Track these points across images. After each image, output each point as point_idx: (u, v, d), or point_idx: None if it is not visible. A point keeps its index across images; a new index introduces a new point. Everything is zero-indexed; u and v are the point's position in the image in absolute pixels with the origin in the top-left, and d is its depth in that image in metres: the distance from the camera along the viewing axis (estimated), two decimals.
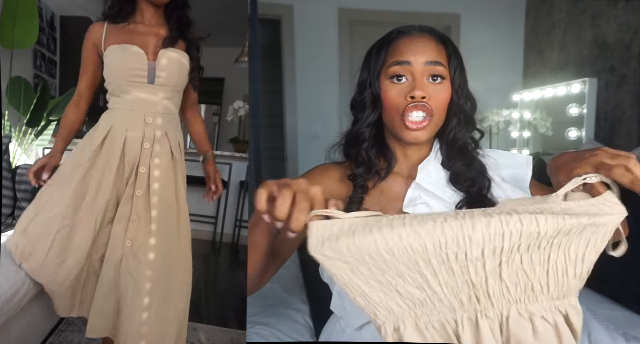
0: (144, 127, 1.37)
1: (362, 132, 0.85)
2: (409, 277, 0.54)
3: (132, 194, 1.35)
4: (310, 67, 3.42)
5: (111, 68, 1.38)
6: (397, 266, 0.53)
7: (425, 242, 0.52)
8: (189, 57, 1.42)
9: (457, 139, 0.84)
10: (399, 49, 0.81)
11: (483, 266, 0.54)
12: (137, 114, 1.38)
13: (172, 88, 1.39)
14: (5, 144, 1.85)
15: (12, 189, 1.88)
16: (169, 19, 1.42)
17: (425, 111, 0.78)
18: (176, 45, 1.40)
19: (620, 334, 1.19)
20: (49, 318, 1.71)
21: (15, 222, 1.85)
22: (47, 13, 3.35)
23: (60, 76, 3.64)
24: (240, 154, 3.47)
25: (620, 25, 2.45)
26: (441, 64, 0.80)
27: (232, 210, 3.56)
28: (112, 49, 1.36)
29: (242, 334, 1.92)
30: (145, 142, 1.36)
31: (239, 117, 3.48)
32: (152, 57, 1.36)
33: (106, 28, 1.41)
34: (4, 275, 1.33)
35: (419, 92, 0.77)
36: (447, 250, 0.53)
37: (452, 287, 0.55)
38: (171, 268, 1.38)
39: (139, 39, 1.37)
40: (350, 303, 0.80)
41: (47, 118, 2.58)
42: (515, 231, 0.52)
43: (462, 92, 0.83)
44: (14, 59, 2.47)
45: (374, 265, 0.53)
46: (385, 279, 0.54)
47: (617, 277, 1.51)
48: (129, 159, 1.36)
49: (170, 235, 1.40)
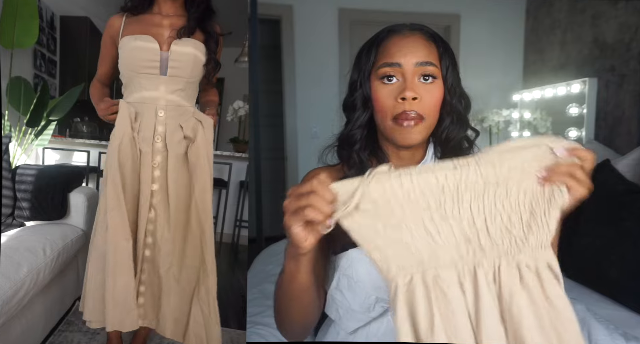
0: (155, 120, 1.34)
1: (354, 134, 0.84)
2: (416, 232, 0.63)
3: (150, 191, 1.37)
4: (310, 67, 3.42)
5: (124, 59, 1.34)
6: (406, 223, 0.63)
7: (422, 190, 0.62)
8: (205, 50, 1.37)
9: (451, 138, 0.83)
10: (389, 49, 0.79)
11: (474, 223, 0.63)
12: (149, 107, 1.34)
13: (185, 80, 1.35)
14: (5, 144, 1.85)
15: (12, 189, 1.88)
16: (189, 9, 1.37)
17: (415, 118, 0.76)
18: (193, 35, 1.35)
19: (620, 334, 1.19)
20: (49, 318, 1.71)
21: (15, 222, 1.85)
22: (47, 13, 3.35)
23: (60, 76, 3.64)
24: (240, 154, 3.47)
25: (620, 25, 2.45)
26: (432, 64, 0.78)
27: (232, 210, 3.56)
28: (126, 40, 1.33)
29: (242, 334, 1.92)
30: (156, 136, 1.34)
31: (239, 117, 3.48)
32: (165, 48, 1.32)
33: (124, 20, 1.37)
34: (4, 275, 1.33)
35: (409, 93, 0.75)
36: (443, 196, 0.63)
37: (452, 241, 0.63)
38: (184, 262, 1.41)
39: (154, 30, 1.33)
40: (343, 307, 0.80)
41: (47, 118, 2.58)
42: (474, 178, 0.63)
43: (455, 91, 0.81)
44: (14, 59, 2.47)
45: (387, 221, 0.62)
46: (396, 235, 0.63)
47: (617, 277, 1.51)
48: (140, 153, 1.35)
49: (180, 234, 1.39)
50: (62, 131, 3.77)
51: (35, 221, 1.93)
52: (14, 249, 1.53)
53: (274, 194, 3.90)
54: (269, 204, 3.75)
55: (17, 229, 1.83)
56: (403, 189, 0.62)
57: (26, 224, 1.93)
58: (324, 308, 0.84)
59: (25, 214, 1.90)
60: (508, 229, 0.63)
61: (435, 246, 0.63)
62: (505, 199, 0.63)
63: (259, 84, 2.69)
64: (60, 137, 3.40)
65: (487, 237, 0.63)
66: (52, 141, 2.91)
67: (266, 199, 3.09)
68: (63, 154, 3.30)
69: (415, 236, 0.63)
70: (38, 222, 1.93)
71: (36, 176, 1.90)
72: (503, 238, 0.63)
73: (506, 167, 0.63)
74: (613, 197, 1.62)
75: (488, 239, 0.63)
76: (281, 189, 3.67)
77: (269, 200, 3.78)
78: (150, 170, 1.35)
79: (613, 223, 1.57)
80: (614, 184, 1.67)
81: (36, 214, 1.90)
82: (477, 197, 0.63)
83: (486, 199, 0.63)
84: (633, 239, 1.48)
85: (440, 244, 0.63)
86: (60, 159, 3.30)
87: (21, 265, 1.44)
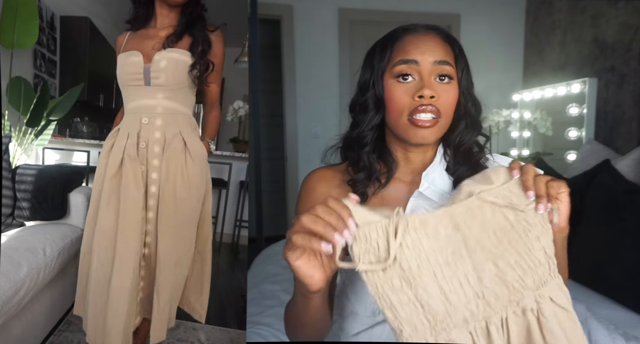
0: (140, 128, 1.38)
1: (364, 136, 0.81)
2: (431, 290, 0.59)
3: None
4: (310, 67, 3.42)
5: (117, 75, 1.43)
6: (421, 278, 0.59)
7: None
8: (190, 55, 1.39)
9: (463, 143, 0.80)
10: (405, 47, 0.77)
11: (476, 277, 0.61)
12: (136, 116, 1.40)
13: (170, 88, 1.39)
14: (5, 144, 1.85)
15: (12, 189, 1.88)
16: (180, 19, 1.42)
17: (434, 112, 0.74)
18: (180, 43, 1.39)
19: (620, 334, 1.19)
20: (49, 318, 1.71)
21: (15, 222, 1.85)
22: (47, 13, 3.35)
23: (60, 76, 3.64)
24: (240, 154, 3.47)
25: (620, 25, 2.45)
26: (449, 64, 0.76)
27: (232, 210, 3.56)
28: (120, 57, 1.41)
29: (242, 334, 1.92)
30: (141, 142, 1.37)
31: (239, 117, 3.48)
32: (148, 60, 1.37)
33: (127, 37, 1.45)
34: (4, 275, 1.33)
35: (428, 91, 0.73)
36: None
37: (462, 299, 0.60)
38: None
39: (145, 43, 1.39)
40: (347, 309, 0.79)
41: (47, 118, 2.58)
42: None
43: (469, 95, 0.80)
44: (14, 59, 2.47)
45: (403, 275, 0.59)
46: (411, 293, 0.59)
47: (617, 277, 1.51)
48: (131, 159, 1.37)
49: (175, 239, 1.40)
50: (62, 131, 3.77)
51: (35, 221, 1.93)
52: (14, 249, 1.53)
53: (274, 194, 3.90)
54: (269, 204, 3.75)
55: (17, 229, 1.83)
56: (423, 245, 0.60)
57: (26, 224, 1.93)
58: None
59: (25, 214, 1.90)
60: (501, 278, 0.61)
61: (448, 305, 0.60)
62: (490, 245, 0.61)
63: (259, 84, 2.69)
64: (60, 137, 3.41)
65: (488, 289, 0.61)
66: (52, 141, 2.92)
67: (266, 199, 3.09)
68: (63, 154, 3.30)
69: (431, 294, 0.60)
70: (38, 222, 1.93)
71: (36, 176, 1.90)
72: (501, 287, 0.61)
73: (478, 218, 0.62)
74: (613, 197, 1.62)
75: (490, 291, 0.61)
76: (281, 189, 3.67)
77: (269, 200, 3.78)
78: (147, 173, 1.38)
79: (613, 223, 1.57)
80: (614, 184, 1.67)
81: (36, 214, 1.90)
82: (470, 249, 0.61)
83: (476, 249, 0.62)
84: (633, 239, 1.48)
85: (453, 302, 0.60)
86: (60, 159, 3.30)
87: (21, 265, 1.44)
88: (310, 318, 0.71)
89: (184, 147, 1.40)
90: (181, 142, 1.39)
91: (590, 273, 1.60)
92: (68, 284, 1.87)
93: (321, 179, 0.85)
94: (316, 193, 0.83)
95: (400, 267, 0.59)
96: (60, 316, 1.84)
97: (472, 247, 0.61)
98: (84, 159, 3.19)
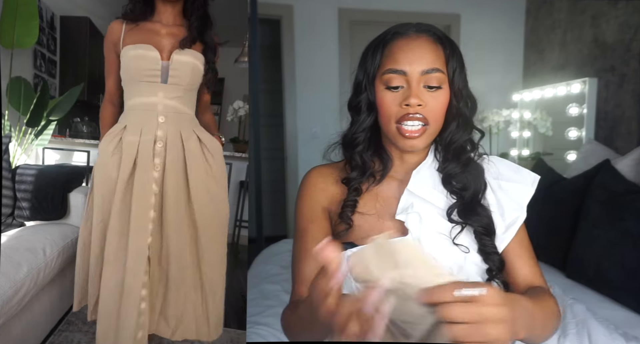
0: (157, 126, 1.37)
1: (357, 137, 0.84)
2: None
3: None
4: (310, 67, 3.42)
5: (126, 68, 1.39)
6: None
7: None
8: (204, 60, 1.43)
9: (454, 142, 0.82)
10: (394, 54, 0.78)
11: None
12: (148, 113, 1.38)
13: (183, 88, 1.40)
14: (5, 144, 1.85)
15: (12, 189, 1.88)
16: (189, 18, 1.42)
17: (421, 120, 0.76)
18: (193, 46, 1.41)
19: (620, 334, 1.19)
20: (49, 318, 1.71)
21: (15, 222, 1.85)
22: (47, 13, 3.35)
23: (60, 76, 3.64)
24: (240, 154, 3.47)
25: (620, 25, 2.45)
26: (439, 71, 0.77)
27: (232, 210, 3.54)
28: (128, 49, 1.37)
29: (242, 334, 1.92)
30: (158, 141, 1.37)
31: (239, 117, 3.48)
32: (166, 57, 1.37)
33: (125, 27, 1.41)
34: (4, 275, 1.33)
35: (414, 100, 0.75)
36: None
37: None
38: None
39: (155, 39, 1.38)
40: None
41: (47, 118, 2.58)
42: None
43: (462, 95, 0.80)
44: (14, 59, 2.47)
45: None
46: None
47: (617, 277, 1.51)
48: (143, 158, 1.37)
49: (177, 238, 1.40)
50: (62, 131, 3.77)
51: (35, 221, 1.93)
52: (14, 249, 1.53)
53: (274, 194, 3.90)
54: (269, 204, 3.75)
55: (17, 229, 1.83)
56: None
57: (26, 224, 1.93)
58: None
59: (25, 214, 1.90)
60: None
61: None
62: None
63: (259, 84, 2.69)
64: (60, 137, 3.40)
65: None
66: (52, 141, 2.91)
67: (266, 199, 3.09)
68: (63, 154, 3.30)
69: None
70: (38, 222, 1.93)
71: (36, 176, 1.90)
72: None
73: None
74: (613, 197, 1.62)
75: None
76: (281, 189, 3.67)
77: (269, 200, 3.78)
78: (151, 172, 1.36)
79: (613, 223, 1.57)
80: (614, 184, 1.67)
81: (36, 214, 1.90)
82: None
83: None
84: (633, 239, 1.48)
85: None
86: (60, 159, 3.30)
87: (21, 265, 1.44)
88: (318, 332, 0.67)
89: (200, 144, 1.42)
90: (197, 140, 1.42)
91: (590, 273, 1.60)
92: (68, 284, 1.87)
93: (320, 176, 0.88)
94: (315, 189, 0.87)
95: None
96: (60, 316, 1.83)
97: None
98: (84, 159, 3.19)
